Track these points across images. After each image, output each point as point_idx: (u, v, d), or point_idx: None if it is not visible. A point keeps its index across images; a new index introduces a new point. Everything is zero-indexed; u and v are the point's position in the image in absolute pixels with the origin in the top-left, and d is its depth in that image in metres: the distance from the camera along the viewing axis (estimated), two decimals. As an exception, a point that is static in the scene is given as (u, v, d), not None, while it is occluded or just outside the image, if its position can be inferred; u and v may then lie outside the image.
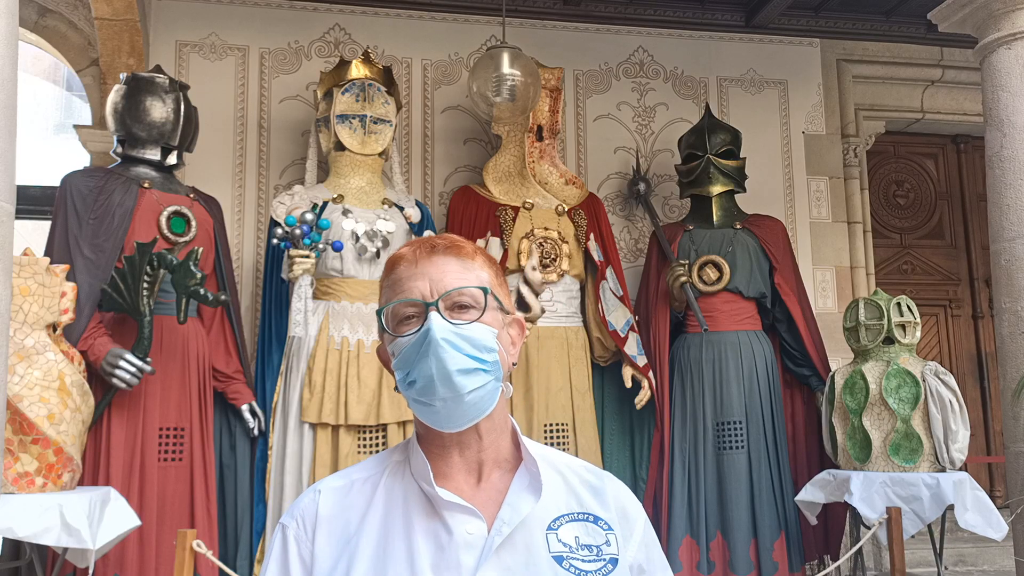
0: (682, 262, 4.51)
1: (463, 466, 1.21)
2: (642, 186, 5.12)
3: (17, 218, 2.70)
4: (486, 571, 1.12)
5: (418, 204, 4.40)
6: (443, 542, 1.15)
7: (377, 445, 3.89)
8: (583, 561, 1.16)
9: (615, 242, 4.81)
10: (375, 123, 4.21)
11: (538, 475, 1.20)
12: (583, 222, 4.52)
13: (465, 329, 1.17)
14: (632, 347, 4.36)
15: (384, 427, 3.91)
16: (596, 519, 1.21)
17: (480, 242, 4.27)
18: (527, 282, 3.93)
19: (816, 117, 5.73)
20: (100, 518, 2.97)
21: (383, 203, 4.23)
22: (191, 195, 4.03)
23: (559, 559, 1.16)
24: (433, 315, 1.16)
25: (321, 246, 3.86)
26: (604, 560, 1.18)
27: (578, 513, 1.21)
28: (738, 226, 4.71)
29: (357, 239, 4.03)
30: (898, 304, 4.13)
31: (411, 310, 1.18)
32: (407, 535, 1.16)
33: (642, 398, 4.35)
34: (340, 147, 4.20)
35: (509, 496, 1.19)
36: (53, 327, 3.07)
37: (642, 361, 4.37)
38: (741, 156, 4.85)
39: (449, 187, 5.05)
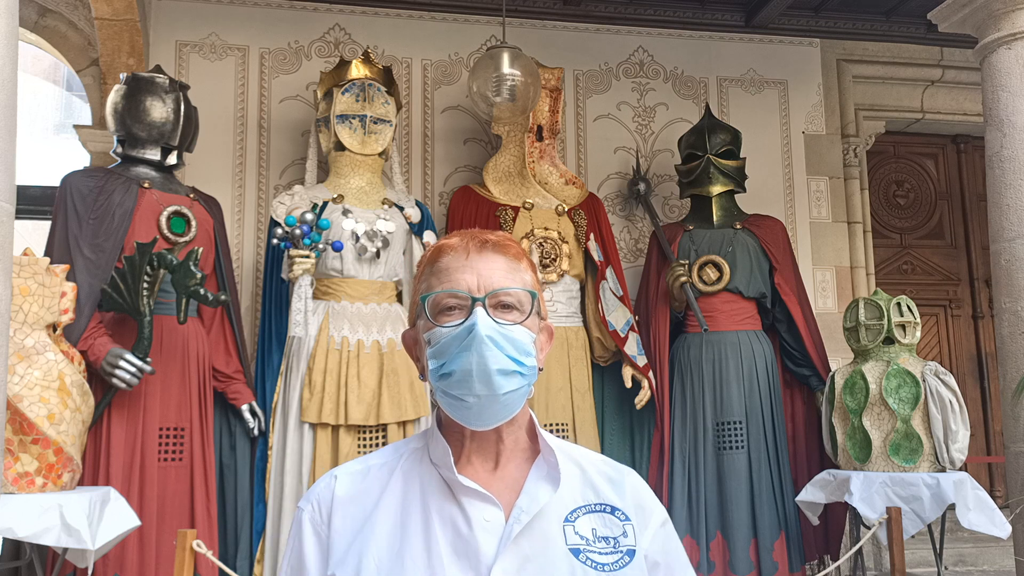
0: (682, 262, 4.51)
1: (481, 455, 1.22)
2: (642, 186, 5.12)
3: (17, 218, 2.70)
4: (505, 558, 1.13)
5: (418, 204, 4.40)
6: (461, 528, 1.15)
7: (377, 445, 3.89)
8: (600, 554, 1.17)
9: (615, 242, 4.81)
10: (375, 123, 4.21)
11: (556, 466, 1.21)
12: (583, 222, 4.53)
13: (509, 330, 1.18)
14: (632, 347, 4.36)
15: (384, 427, 3.90)
16: (613, 510, 1.21)
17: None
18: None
19: (816, 117, 5.73)
20: (100, 518, 2.97)
21: (383, 203, 4.23)
22: (191, 195, 4.03)
23: (575, 551, 1.16)
24: (479, 311, 1.16)
25: (321, 246, 3.86)
26: (621, 552, 1.18)
27: (595, 504, 1.21)
28: (738, 226, 4.71)
29: (357, 239, 4.03)
30: (898, 304, 4.13)
31: (454, 302, 1.19)
32: (424, 519, 1.17)
33: (642, 398, 4.35)
34: (340, 147, 4.20)
35: (527, 485, 1.19)
36: (53, 327, 3.07)
37: (642, 361, 4.37)
38: (741, 156, 4.85)
39: (449, 187, 5.06)
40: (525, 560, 1.14)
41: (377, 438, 3.90)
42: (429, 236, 4.30)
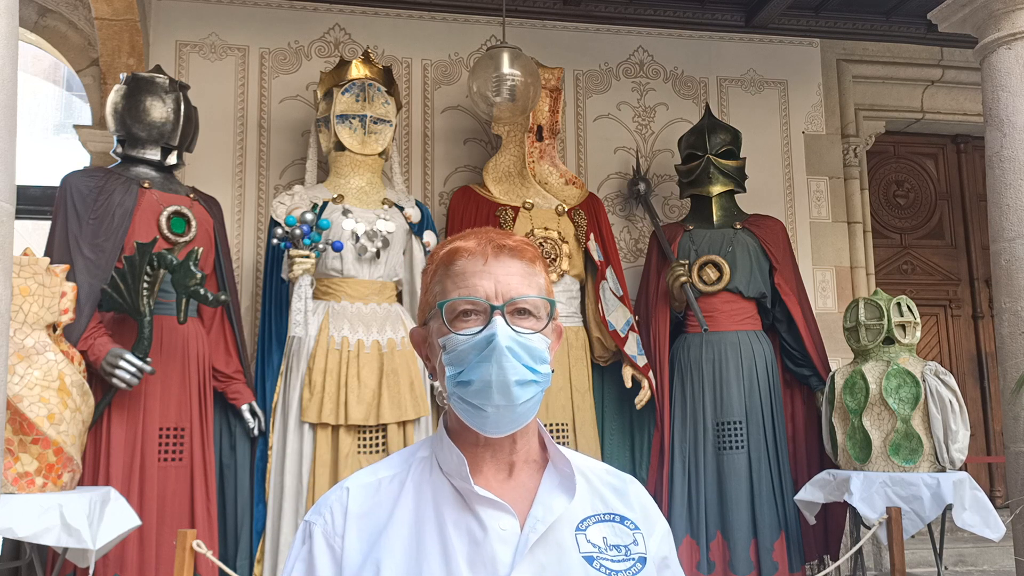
0: (682, 262, 4.51)
1: (494, 464, 1.21)
2: (642, 186, 5.12)
3: (17, 218, 2.70)
4: (522, 568, 1.13)
5: (418, 204, 4.40)
6: (477, 537, 1.15)
7: (377, 445, 3.89)
8: (613, 561, 1.17)
9: (615, 242, 4.81)
10: (375, 123, 4.21)
11: (571, 475, 1.21)
12: (583, 222, 4.53)
13: (527, 338, 1.16)
14: (632, 347, 4.36)
15: (384, 427, 3.90)
16: (623, 519, 1.22)
17: None
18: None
19: (816, 117, 5.73)
20: (100, 518, 2.97)
21: (383, 203, 4.23)
22: (191, 195, 4.03)
23: (589, 559, 1.16)
24: (498, 320, 1.15)
25: (321, 246, 3.86)
26: (633, 559, 1.18)
27: (604, 514, 1.22)
28: (738, 226, 4.71)
29: (357, 239, 4.03)
30: (898, 304, 4.13)
31: (471, 307, 1.17)
32: (440, 530, 1.16)
33: (642, 398, 4.35)
34: (340, 147, 4.20)
35: (540, 494, 1.19)
36: (53, 327, 3.07)
37: (642, 361, 4.37)
38: (741, 156, 4.85)
39: (449, 187, 5.06)
40: (541, 569, 1.13)
41: (377, 438, 3.90)
42: (429, 236, 4.30)
